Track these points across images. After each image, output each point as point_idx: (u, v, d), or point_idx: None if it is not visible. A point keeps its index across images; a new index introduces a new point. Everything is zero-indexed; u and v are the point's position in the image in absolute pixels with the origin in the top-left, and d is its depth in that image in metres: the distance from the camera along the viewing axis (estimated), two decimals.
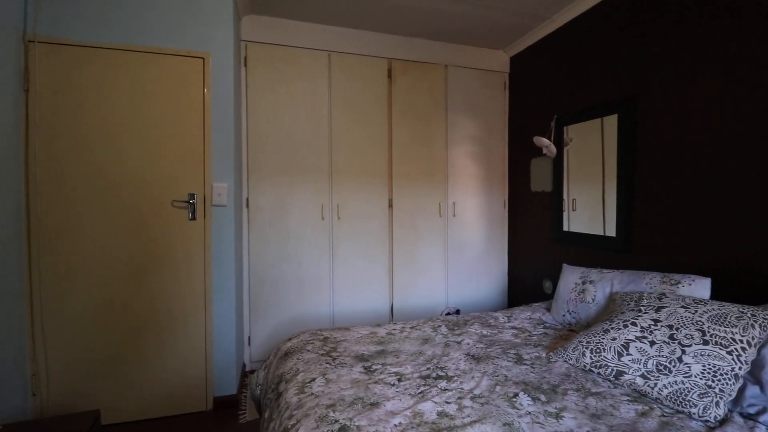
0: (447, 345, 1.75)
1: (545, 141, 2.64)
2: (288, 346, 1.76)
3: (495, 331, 1.93)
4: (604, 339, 1.48)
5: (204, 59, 2.16)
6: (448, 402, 1.24)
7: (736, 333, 1.28)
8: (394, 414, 1.16)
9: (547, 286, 2.90)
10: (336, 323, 2.86)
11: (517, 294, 3.29)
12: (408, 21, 2.76)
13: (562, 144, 2.71)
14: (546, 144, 2.65)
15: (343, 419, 1.13)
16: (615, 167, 2.30)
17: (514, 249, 3.34)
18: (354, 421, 1.12)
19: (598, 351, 1.46)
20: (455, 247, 3.19)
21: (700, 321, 1.36)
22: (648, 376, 1.31)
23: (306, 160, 2.77)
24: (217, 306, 2.24)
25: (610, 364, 1.41)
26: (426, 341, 1.80)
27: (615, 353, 1.41)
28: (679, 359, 1.29)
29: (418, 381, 1.39)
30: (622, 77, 2.28)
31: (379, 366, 1.51)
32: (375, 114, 2.93)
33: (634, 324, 1.46)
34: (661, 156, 2.05)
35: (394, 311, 3.01)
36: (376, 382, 1.38)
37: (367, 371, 1.47)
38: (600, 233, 2.43)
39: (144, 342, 2.12)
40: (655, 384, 1.28)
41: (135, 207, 2.09)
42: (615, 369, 1.39)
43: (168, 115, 2.13)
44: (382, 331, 1.91)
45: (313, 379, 1.40)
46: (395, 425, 1.10)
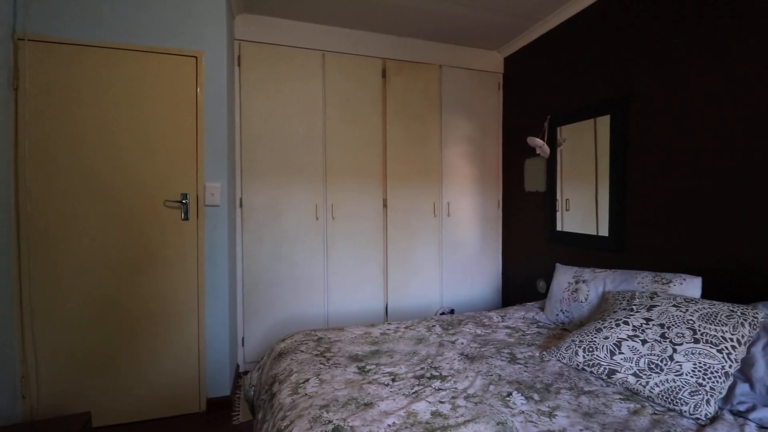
0: (441, 345, 1.75)
1: (539, 141, 2.66)
2: (282, 346, 1.76)
3: (489, 331, 1.93)
4: (596, 338, 1.49)
5: (197, 58, 2.15)
6: (441, 402, 1.24)
7: (726, 331, 1.30)
8: (387, 414, 1.16)
9: (541, 285, 2.92)
10: (330, 323, 2.86)
11: (511, 293, 3.30)
12: (402, 21, 2.76)
13: (555, 144, 2.72)
14: (539, 144, 2.66)
15: (337, 420, 1.12)
16: (608, 167, 2.32)
17: (508, 249, 3.35)
18: (348, 422, 1.11)
19: (590, 350, 1.47)
20: (450, 247, 3.20)
21: (691, 320, 1.37)
22: (640, 374, 1.32)
23: (300, 159, 2.76)
24: (211, 306, 2.22)
25: (602, 362, 1.41)
26: (420, 341, 1.80)
27: (607, 352, 1.42)
28: (671, 358, 1.30)
29: (412, 381, 1.39)
30: (614, 78, 2.29)
31: (373, 366, 1.51)
32: (369, 114, 2.93)
33: (626, 323, 1.47)
34: (653, 156, 2.07)
35: (388, 311, 3.01)
36: (370, 382, 1.38)
37: (361, 371, 1.47)
38: (593, 233, 2.45)
39: (136, 343, 2.10)
40: (647, 382, 1.29)
41: (127, 207, 2.07)
42: (607, 368, 1.39)
43: (160, 115, 2.11)
44: (376, 332, 1.91)
45: (307, 380, 1.39)
46: (389, 425, 1.10)
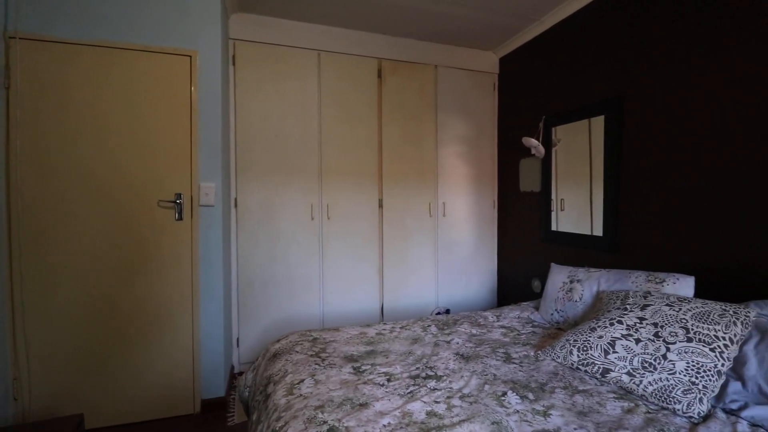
0: (436, 344, 1.75)
1: (534, 141, 2.67)
2: (277, 347, 1.75)
3: (484, 331, 1.93)
4: (591, 337, 1.49)
5: (191, 57, 2.14)
6: (437, 401, 1.24)
7: (718, 330, 1.31)
8: (383, 414, 1.16)
9: (536, 285, 2.93)
10: (326, 324, 2.85)
11: (507, 293, 3.31)
12: (398, 21, 2.76)
13: (550, 144, 2.74)
14: (534, 144, 2.67)
15: (332, 420, 1.12)
16: (602, 168, 2.33)
17: (503, 249, 3.36)
18: (343, 422, 1.11)
19: (585, 349, 1.47)
20: (445, 247, 3.20)
21: (684, 319, 1.38)
22: (633, 373, 1.32)
23: (295, 159, 2.76)
24: (205, 307, 2.21)
25: (596, 361, 1.42)
26: (416, 341, 1.80)
27: (601, 351, 1.43)
28: (664, 356, 1.31)
29: (407, 381, 1.39)
30: (608, 78, 2.31)
31: (369, 366, 1.51)
32: (365, 114, 2.93)
33: (620, 322, 1.48)
34: (646, 157, 2.08)
35: (384, 311, 3.01)
36: (365, 382, 1.37)
37: (357, 372, 1.46)
38: (587, 233, 2.46)
39: (129, 344, 2.08)
40: (641, 381, 1.29)
41: (120, 206, 2.05)
42: (601, 367, 1.40)
43: (154, 114, 2.09)
44: (371, 332, 1.90)
45: (302, 381, 1.39)
46: (384, 425, 1.10)
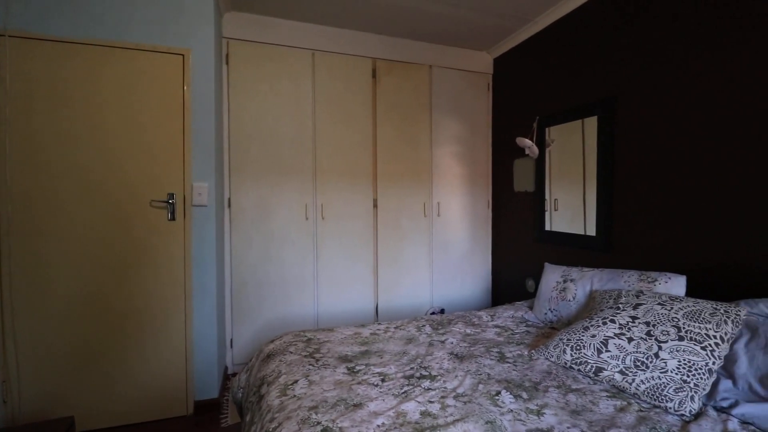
0: (431, 344, 1.75)
1: (528, 142, 2.68)
2: (270, 348, 1.74)
3: (478, 330, 1.94)
4: (584, 336, 1.50)
5: (184, 56, 2.12)
6: (431, 401, 1.24)
7: (710, 329, 1.32)
8: (377, 414, 1.16)
9: (530, 284, 2.94)
10: (320, 324, 2.84)
11: (501, 293, 3.32)
12: (392, 21, 2.76)
13: (544, 145, 2.75)
14: (528, 145, 2.68)
15: (326, 421, 1.12)
16: (595, 168, 2.35)
17: (497, 248, 3.38)
18: (337, 423, 1.11)
19: (578, 348, 1.48)
20: (440, 247, 3.20)
21: (675, 318, 1.39)
22: (626, 372, 1.33)
23: (290, 159, 2.74)
24: (198, 308, 2.19)
25: (589, 360, 1.43)
26: (410, 341, 1.80)
27: (594, 350, 1.44)
28: (656, 355, 1.32)
29: (401, 381, 1.39)
30: (601, 79, 2.32)
31: (363, 366, 1.51)
32: (359, 114, 2.92)
33: (612, 321, 1.49)
34: (639, 157, 2.10)
35: (379, 311, 3.01)
36: (359, 382, 1.37)
37: (351, 372, 1.46)
38: (581, 233, 2.47)
39: (121, 345, 2.06)
40: (633, 379, 1.30)
41: (113, 206, 2.03)
42: (594, 365, 1.41)
43: (147, 113, 2.07)
44: (366, 332, 1.90)
45: (296, 381, 1.38)
46: (378, 426, 1.10)
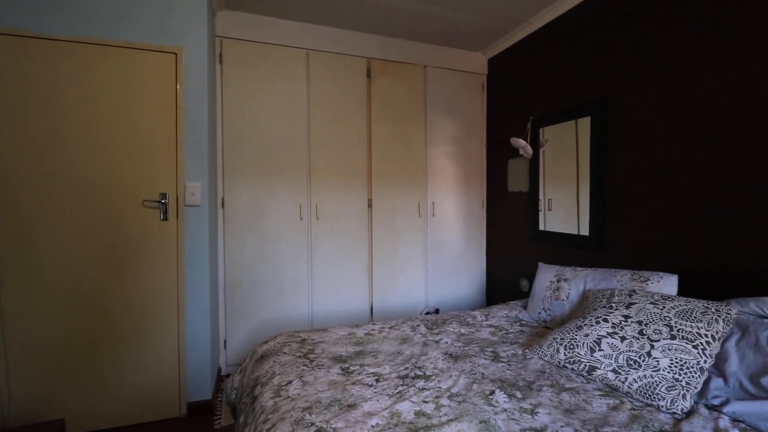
0: (425, 344, 1.75)
1: (522, 142, 2.69)
2: (264, 348, 1.73)
3: (473, 330, 1.94)
4: (577, 335, 1.51)
5: (177, 55, 2.10)
6: (425, 401, 1.24)
7: (701, 327, 1.33)
8: (371, 415, 1.15)
9: (524, 284, 2.95)
10: (315, 324, 2.83)
11: (495, 292, 3.33)
12: (387, 21, 2.75)
13: (538, 145, 2.76)
14: (522, 145, 2.70)
15: (320, 422, 1.11)
16: (588, 168, 2.36)
17: (492, 248, 3.39)
18: (331, 424, 1.10)
19: (571, 347, 1.49)
20: (434, 247, 3.21)
21: (667, 316, 1.40)
22: (619, 370, 1.34)
23: (284, 159, 2.73)
24: (191, 308, 2.18)
25: (583, 359, 1.44)
26: (404, 341, 1.80)
27: (588, 349, 1.45)
28: (648, 354, 1.33)
29: (396, 381, 1.39)
30: (595, 80, 2.34)
31: (357, 367, 1.50)
32: (354, 114, 2.92)
33: (605, 320, 1.50)
34: (631, 157, 2.11)
35: (373, 311, 3.00)
36: (353, 383, 1.37)
37: (345, 372, 1.45)
38: (574, 232, 2.49)
39: (113, 345, 2.04)
40: (626, 378, 1.31)
41: (104, 206, 2.01)
42: (588, 364, 1.42)
43: (140, 112, 2.05)
44: (360, 332, 1.90)
45: (290, 382, 1.37)
46: (372, 426, 1.09)
